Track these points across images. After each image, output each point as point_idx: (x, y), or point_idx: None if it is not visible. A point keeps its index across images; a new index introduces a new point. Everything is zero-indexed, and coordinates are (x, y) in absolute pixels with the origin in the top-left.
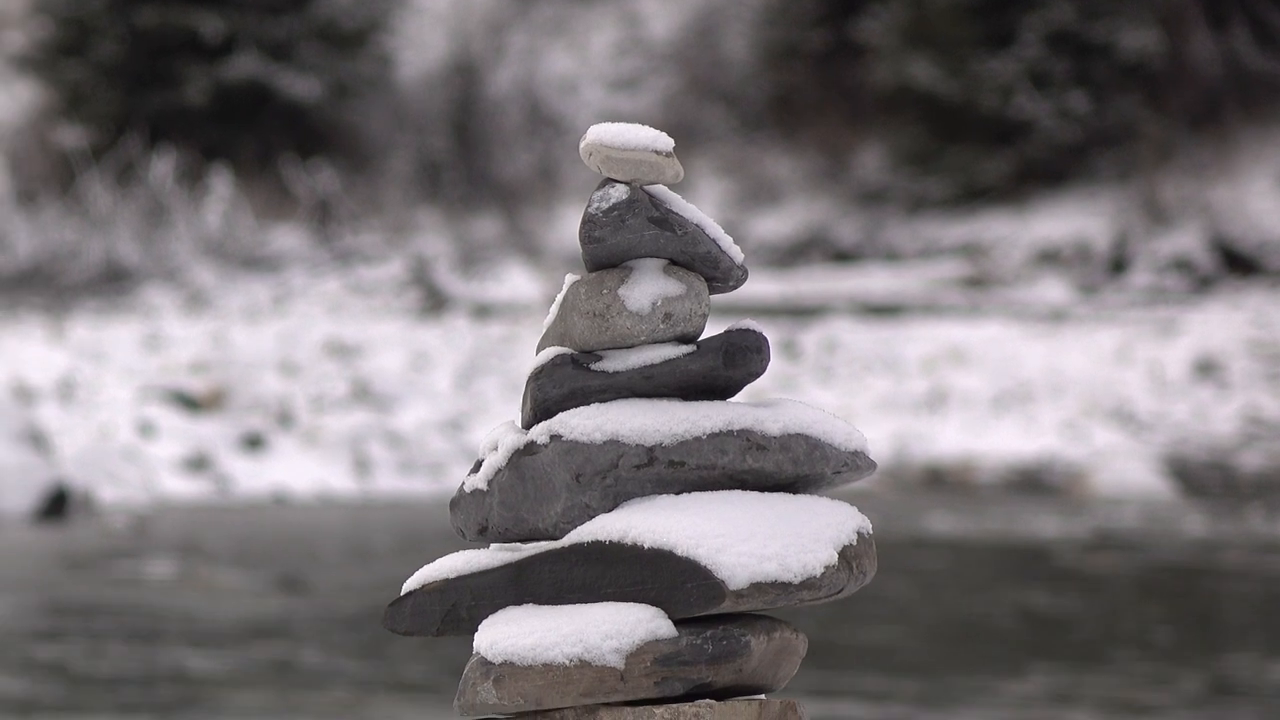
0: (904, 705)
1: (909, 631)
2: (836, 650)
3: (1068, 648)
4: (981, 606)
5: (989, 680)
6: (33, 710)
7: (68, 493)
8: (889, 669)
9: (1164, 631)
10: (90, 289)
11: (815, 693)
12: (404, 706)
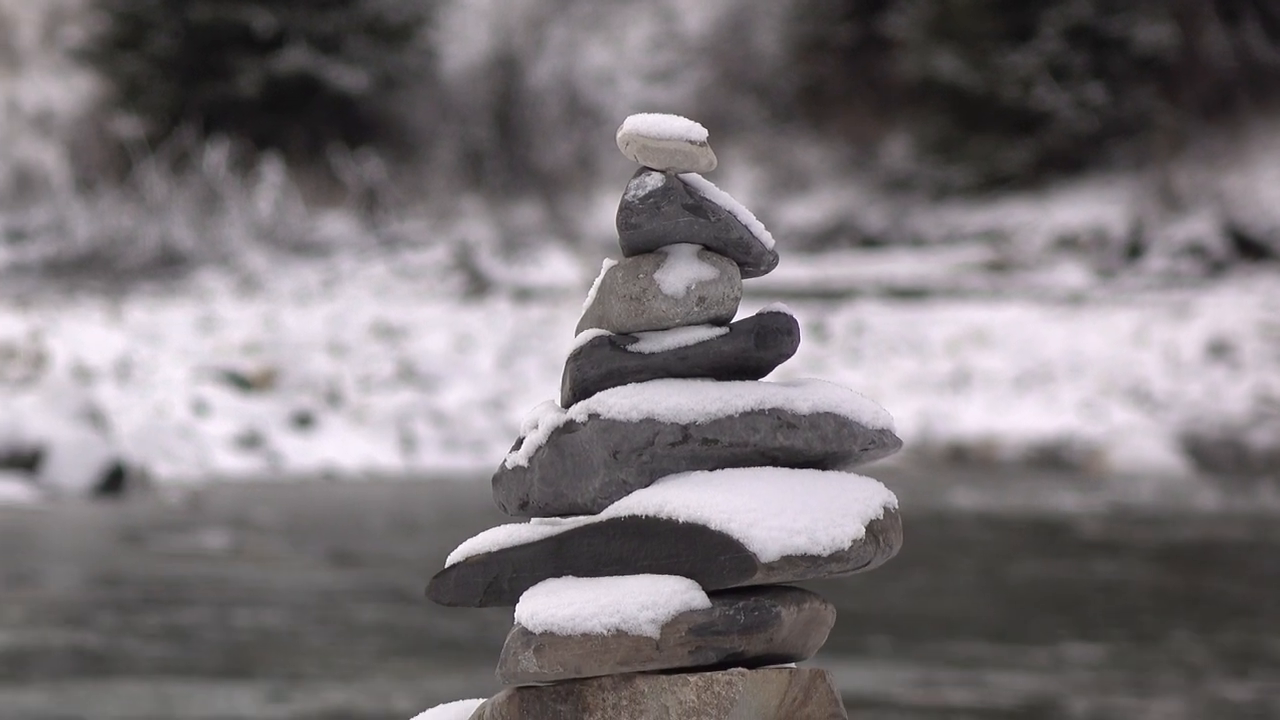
0: (958, 669)
1: (951, 599)
2: (881, 618)
3: (1098, 615)
4: (1008, 576)
5: (1027, 646)
6: (90, 673)
7: (125, 469)
8: (938, 636)
9: (1184, 601)
10: (147, 273)
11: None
12: (453, 674)
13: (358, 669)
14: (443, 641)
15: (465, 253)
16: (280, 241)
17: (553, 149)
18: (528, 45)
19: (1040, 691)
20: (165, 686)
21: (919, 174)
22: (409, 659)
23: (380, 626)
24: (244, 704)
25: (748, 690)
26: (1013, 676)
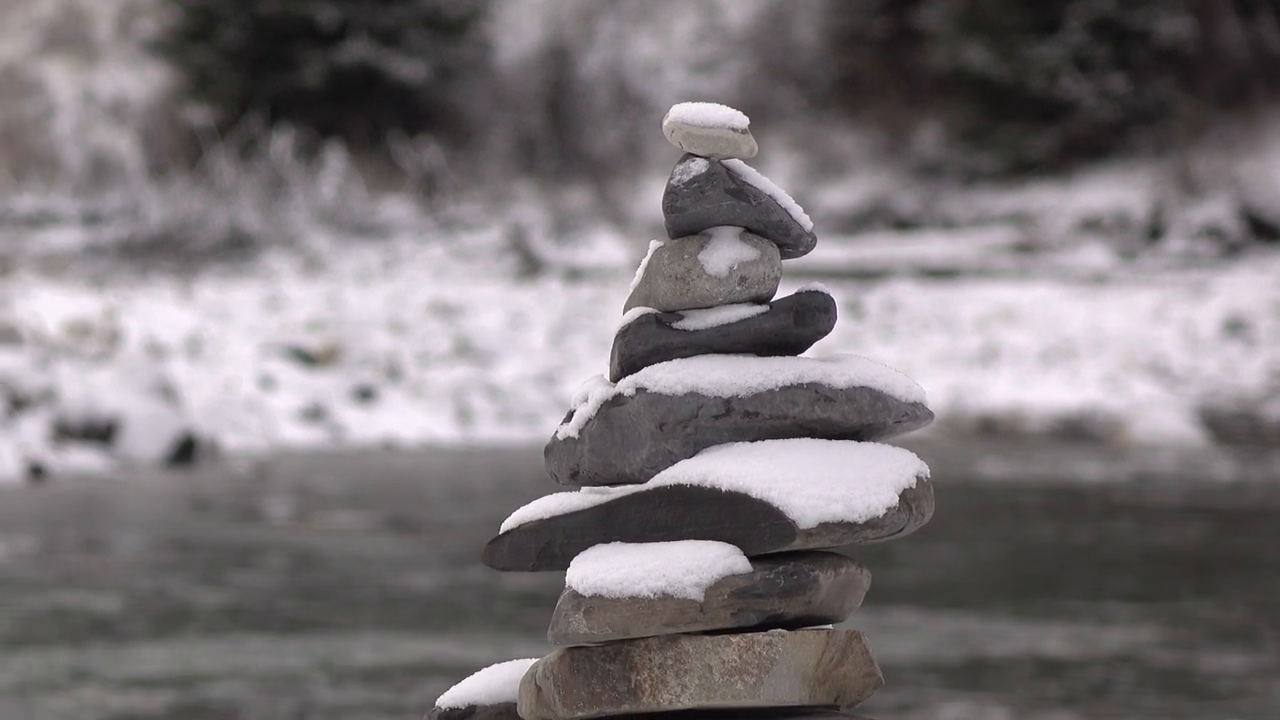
0: (1003, 622)
1: (982, 562)
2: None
3: (1124, 575)
4: (1037, 540)
5: (1059, 604)
6: (161, 632)
7: (195, 440)
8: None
9: (1216, 561)
10: (216, 254)
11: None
12: (506, 635)
13: (415, 630)
14: (497, 603)
15: (519, 235)
16: (343, 224)
17: (602, 136)
18: (578, 37)
19: (1121, 642)
20: (232, 644)
21: (950, 160)
22: (464, 620)
23: (438, 589)
24: (308, 660)
25: (787, 650)
26: (1055, 631)
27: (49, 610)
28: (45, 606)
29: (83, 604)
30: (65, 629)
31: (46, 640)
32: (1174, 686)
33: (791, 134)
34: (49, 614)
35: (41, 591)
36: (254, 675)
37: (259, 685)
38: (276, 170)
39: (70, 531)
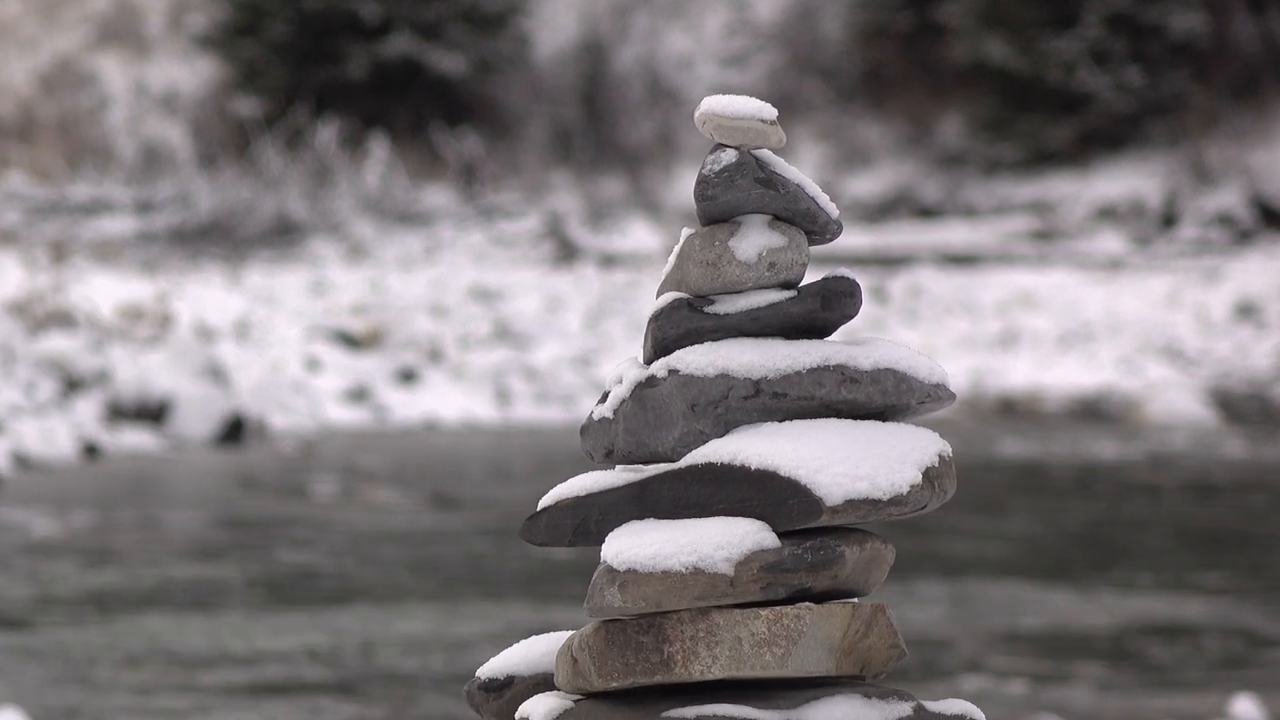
0: (1036, 589)
1: (1003, 538)
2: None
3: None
4: (1056, 516)
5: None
6: (212, 604)
7: (244, 420)
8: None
9: (1230, 536)
10: (263, 241)
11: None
12: (543, 608)
13: (455, 603)
14: (535, 577)
15: (555, 222)
16: (386, 212)
17: (636, 127)
18: (613, 32)
19: (1141, 613)
20: (280, 617)
21: (971, 150)
22: (502, 593)
23: (478, 563)
24: (353, 632)
25: (814, 623)
26: (1085, 602)
27: (103, 584)
28: (99, 580)
29: (131, 578)
30: (119, 602)
31: (105, 612)
32: (1193, 655)
33: (818, 125)
34: (103, 588)
35: (94, 566)
36: (300, 648)
37: (306, 657)
38: (322, 160)
39: (123, 509)
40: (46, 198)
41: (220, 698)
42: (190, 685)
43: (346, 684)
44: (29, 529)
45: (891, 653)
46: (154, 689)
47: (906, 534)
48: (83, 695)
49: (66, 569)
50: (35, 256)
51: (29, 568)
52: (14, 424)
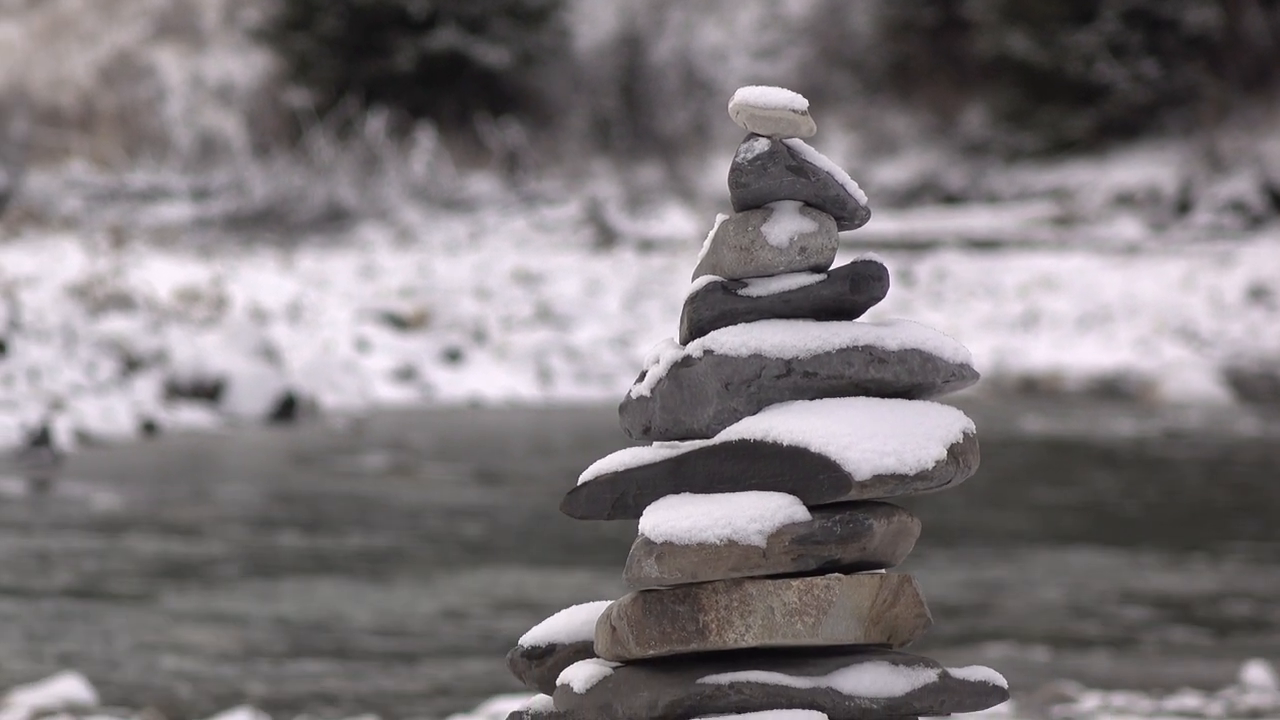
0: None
1: (1026, 510)
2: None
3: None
4: (1074, 490)
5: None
6: (265, 574)
7: (296, 398)
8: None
9: (1233, 506)
10: (315, 227)
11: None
12: (583, 578)
13: (499, 574)
14: (575, 549)
15: (595, 208)
16: (432, 199)
17: (671, 117)
18: (649, 26)
19: (1158, 585)
20: (332, 586)
21: (994, 139)
22: (546, 564)
23: (520, 535)
24: (401, 602)
25: (843, 593)
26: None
27: (161, 555)
28: (158, 552)
29: (189, 550)
30: (177, 572)
31: (163, 582)
32: (1207, 624)
33: (847, 115)
34: (162, 558)
35: (153, 538)
36: (350, 616)
37: (355, 625)
38: (371, 149)
39: (180, 483)
40: (106, 185)
41: (280, 663)
42: (243, 650)
43: (392, 652)
44: (90, 502)
45: (918, 621)
46: (209, 654)
47: (932, 507)
48: (142, 664)
49: (127, 541)
50: (96, 241)
51: (91, 539)
52: (76, 402)
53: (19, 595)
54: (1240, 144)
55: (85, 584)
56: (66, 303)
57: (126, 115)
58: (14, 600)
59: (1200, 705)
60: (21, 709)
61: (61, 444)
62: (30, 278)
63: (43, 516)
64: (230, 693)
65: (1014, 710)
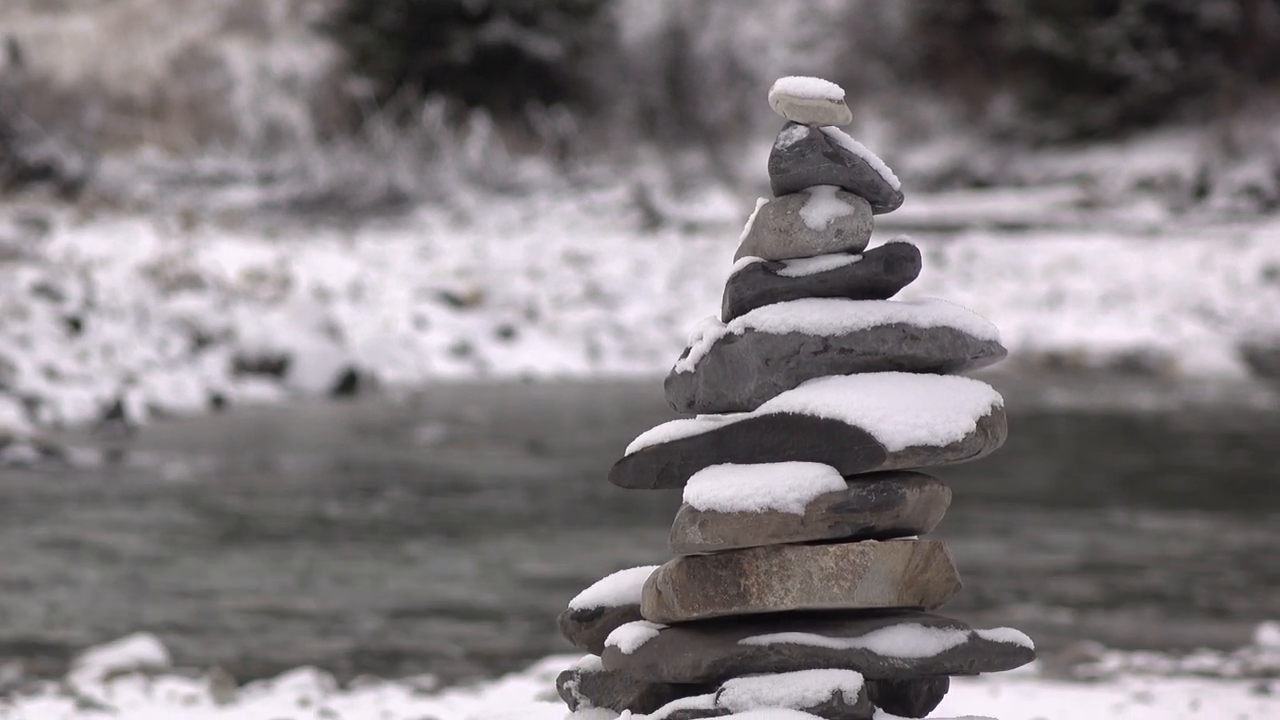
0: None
1: (1051, 479)
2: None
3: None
4: (1098, 459)
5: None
6: (328, 539)
7: (357, 373)
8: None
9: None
10: (375, 210)
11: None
12: (630, 544)
13: (549, 540)
14: (622, 517)
15: (641, 193)
16: (487, 184)
17: (714, 106)
18: (693, 19)
19: (1180, 549)
20: (390, 552)
21: (1020, 127)
22: (594, 530)
23: (570, 504)
24: (457, 567)
25: (877, 558)
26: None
27: (226, 522)
28: (222, 519)
29: (254, 517)
30: (239, 539)
31: (229, 548)
32: (1223, 587)
33: (881, 104)
34: (228, 523)
35: (219, 506)
36: (407, 581)
37: (412, 589)
38: (428, 136)
39: (246, 454)
40: (177, 170)
41: (340, 626)
42: (305, 613)
43: (448, 615)
44: (161, 472)
45: (948, 585)
46: (273, 617)
47: (962, 477)
48: (210, 626)
49: (196, 509)
50: (167, 224)
51: (162, 507)
52: (148, 377)
53: (94, 561)
54: (1255, 132)
55: (156, 550)
56: (139, 283)
57: (196, 104)
58: (89, 565)
59: (1217, 665)
60: (96, 668)
61: (134, 417)
62: (104, 259)
63: (116, 485)
64: (293, 654)
65: (1039, 670)
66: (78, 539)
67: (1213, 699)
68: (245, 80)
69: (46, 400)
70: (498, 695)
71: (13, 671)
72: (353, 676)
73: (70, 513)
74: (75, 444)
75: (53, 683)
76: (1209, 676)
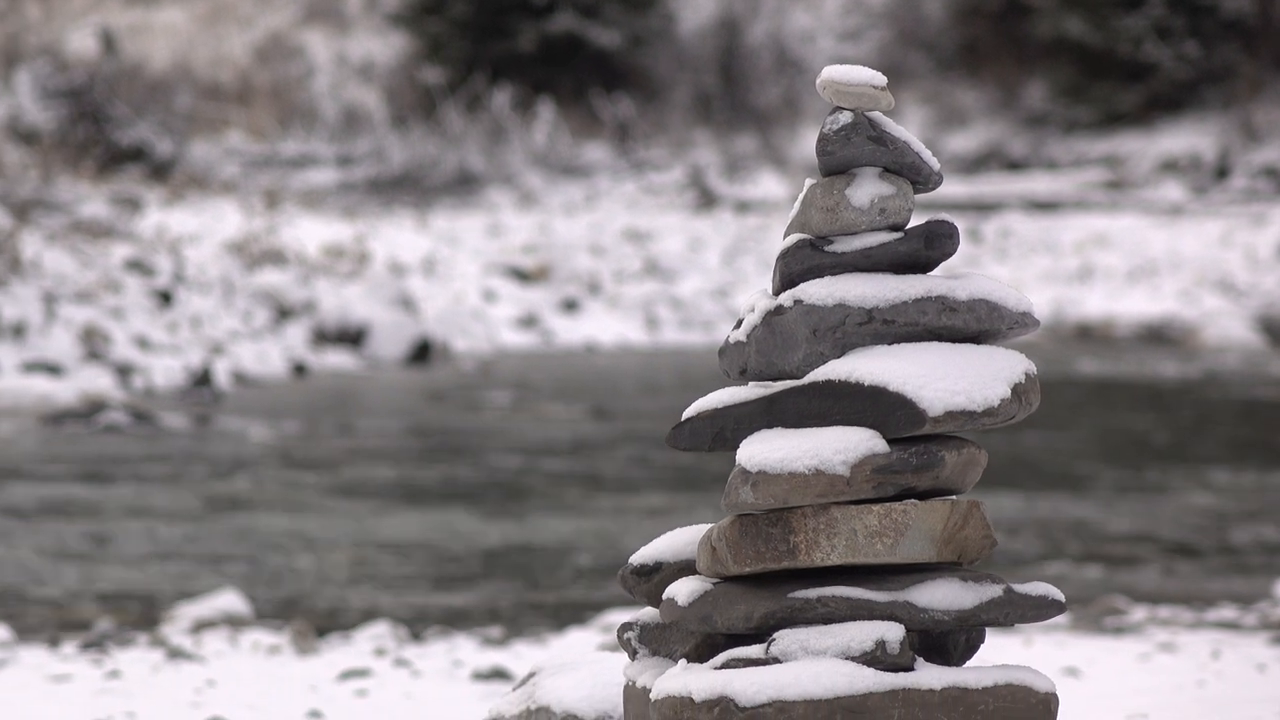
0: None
1: (1081, 444)
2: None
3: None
4: (1125, 424)
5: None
6: (405, 499)
7: (430, 343)
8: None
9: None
10: (447, 190)
11: None
12: (685, 504)
13: (610, 498)
14: (679, 478)
15: (697, 174)
16: (552, 166)
17: (765, 92)
18: (745, 11)
19: (1202, 508)
20: (462, 511)
21: (1053, 112)
22: (651, 491)
23: (629, 465)
24: (526, 525)
25: (918, 517)
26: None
27: (308, 483)
28: (304, 480)
29: (334, 478)
30: (320, 499)
31: (310, 507)
32: (1243, 544)
33: (922, 91)
34: (308, 486)
35: (301, 467)
36: (477, 538)
37: (482, 546)
38: (497, 121)
39: (326, 418)
40: (261, 153)
41: (415, 581)
42: (381, 568)
43: (515, 570)
44: (247, 435)
45: (985, 542)
46: (352, 572)
47: (998, 440)
48: (293, 581)
49: (279, 470)
50: (252, 204)
51: (247, 469)
52: (233, 347)
53: (184, 519)
54: (1273, 116)
55: (242, 509)
56: (225, 258)
57: (279, 91)
58: (179, 523)
59: (1236, 616)
60: (185, 620)
61: (221, 384)
62: (193, 236)
63: (204, 448)
64: (370, 607)
65: (1070, 621)
66: (166, 498)
67: (1233, 648)
68: (325, 68)
69: (139, 368)
70: (561, 645)
71: (106, 623)
72: (426, 627)
73: (160, 472)
74: (165, 409)
75: (144, 634)
76: (1229, 628)
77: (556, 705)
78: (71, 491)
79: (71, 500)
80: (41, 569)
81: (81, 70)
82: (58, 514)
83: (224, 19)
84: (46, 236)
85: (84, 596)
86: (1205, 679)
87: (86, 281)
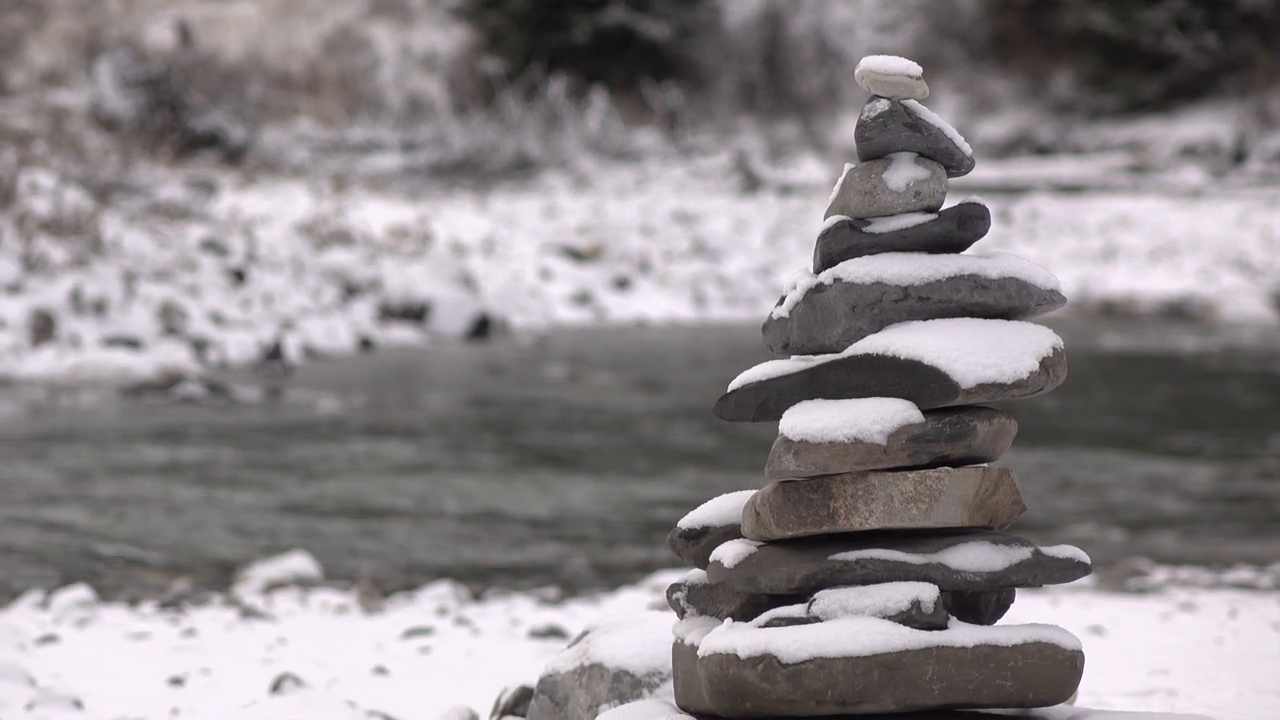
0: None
1: (1104, 413)
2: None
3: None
4: (1148, 394)
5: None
6: (463, 468)
7: (489, 319)
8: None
9: None
10: (505, 174)
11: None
12: (731, 471)
13: (659, 466)
14: (725, 446)
15: (742, 159)
16: (604, 151)
17: (807, 81)
18: (788, 5)
19: (1215, 476)
20: (521, 477)
21: (1079, 100)
22: (699, 459)
23: (678, 435)
24: (581, 490)
25: (951, 484)
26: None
27: (374, 452)
28: (370, 449)
29: (400, 448)
30: (385, 467)
31: (376, 475)
32: (1259, 509)
33: (955, 80)
34: (374, 455)
35: (368, 437)
36: (536, 503)
37: (540, 512)
38: (553, 109)
39: (391, 390)
40: (329, 139)
41: (475, 544)
42: (443, 532)
43: (570, 534)
44: (316, 407)
45: (1014, 508)
46: (416, 536)
47: (1027, 411)
48: (359, 545)
49: (347, 440)
50: (320, 187)
51: (317, 439)
52: (303, 322)
53: (258, 486)
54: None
55: (312, 476)
56: (295, 239)
57: (346, 80)
58: (251, 489)
59: (1252, 578)
60: (258, 580)
61: (291, 357)
62: (265, 218)
63: (276, 418)
64: (433, 568)
65: (1095, 582)
66: (239, 465)
67: (1249, 608)
68: (390, 59)
69: (213, 343)
70: (614, 605)
71: (183, 584)
72: (485, 588)
73: (234, 442)
74: (239, 382)
75: (218, 594)
76: (1246, 588)
77: (609, 661)
78: (149, 459)
79: (149, 467)
80: (121, 532)
81: (159, 61)
82: (136, 481)
83: (294, 12)
84: (126, 218)
85: (162, 558)
86: (1223, 637)
87: (164, 261)
